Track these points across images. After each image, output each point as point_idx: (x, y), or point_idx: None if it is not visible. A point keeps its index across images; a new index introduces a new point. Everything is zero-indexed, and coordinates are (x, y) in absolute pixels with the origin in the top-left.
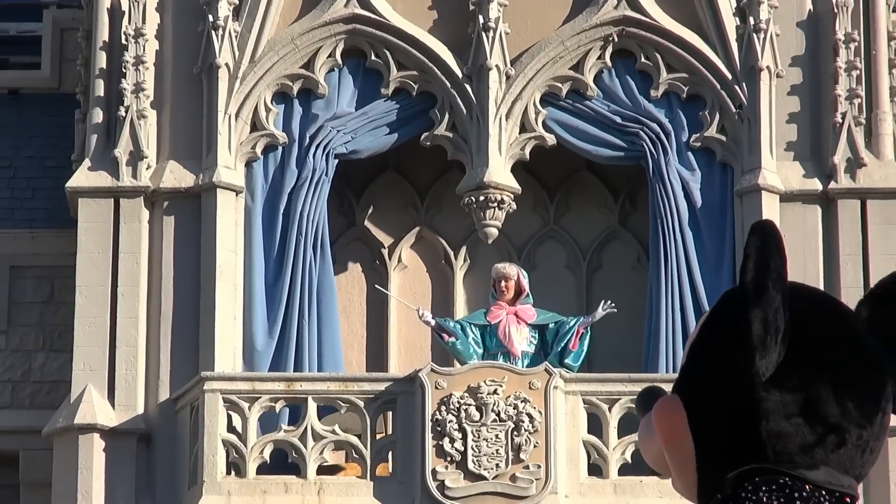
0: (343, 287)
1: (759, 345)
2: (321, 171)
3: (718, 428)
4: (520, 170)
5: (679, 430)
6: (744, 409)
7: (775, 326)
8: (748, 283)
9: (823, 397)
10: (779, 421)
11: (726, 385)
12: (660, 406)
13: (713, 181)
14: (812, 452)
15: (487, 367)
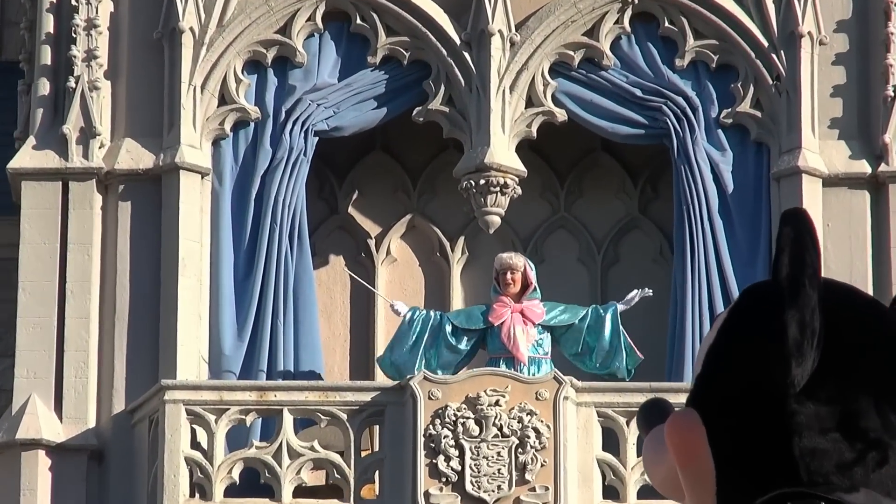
0: (324, 283)
1: (795, 351)
2: (299, 150)
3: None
4: (526, 150)
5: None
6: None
7: (812, 329)
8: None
9: (863, 409)
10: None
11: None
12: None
13: (746, 163)
14: (851, 472)
15: (488, 375)
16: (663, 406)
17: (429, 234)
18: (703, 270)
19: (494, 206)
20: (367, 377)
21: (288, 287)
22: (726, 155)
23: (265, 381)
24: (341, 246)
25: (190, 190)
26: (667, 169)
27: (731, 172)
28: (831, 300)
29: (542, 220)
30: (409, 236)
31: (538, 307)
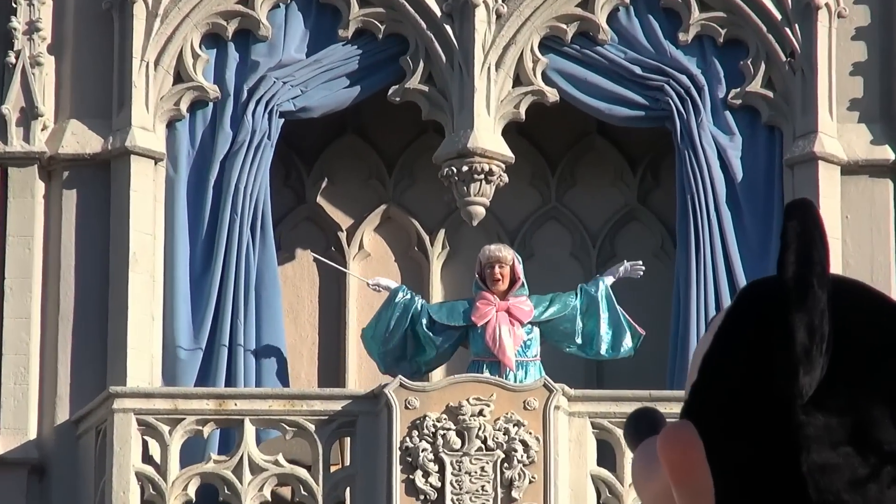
0: (289, 280)
1: (803, 357)
2: (262, 133)
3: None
4: (513, 133)
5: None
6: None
7: (821, 333)
8: (789, 279)
9: (877, 419)
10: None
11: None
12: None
13: (757, 148)
14: (864, 489)
15: (471, 382)
16: (653, 416)
17: (406, 227)
18: (709, 266)
19: (478, 195)
20: (337, 384)
21: (250, 284)
22: (735, 139)
23: (224, 388)
24: (309, 239)
25: (142, 177)
26: (669, 155)
27: (741, 159)
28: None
29: (531, 211)
30: (383, 229)
31: (526, 305)
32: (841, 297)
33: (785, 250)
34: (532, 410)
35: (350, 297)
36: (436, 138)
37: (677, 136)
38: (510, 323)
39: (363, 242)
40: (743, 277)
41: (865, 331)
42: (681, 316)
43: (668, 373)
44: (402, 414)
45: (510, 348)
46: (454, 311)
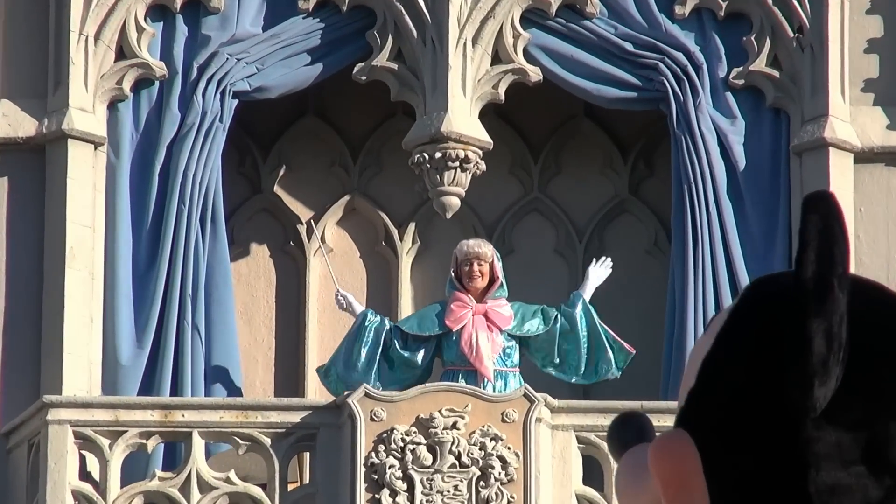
0: (243, 278)
1: (819, 368)
2: (214, 115)
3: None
4: (492, 116)
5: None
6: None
7: (839, 341)
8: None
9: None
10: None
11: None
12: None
13: (761, 133)
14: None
15: (444, 392)
16: (640, 422)
17: (372, 219)
18: (707, 264)
19: (453, 184)
20: (295, 393)
21: (199, 282)
22: (737, 123)
23: (171, 398)
24: (265, 232)
25: (80, 163)
26: (664, 140)
27: (743, 145)
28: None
29: (510, 203)
30: (347, 221)
31: (505, 309)
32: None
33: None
34: (511, 423)
35: (310, 298)
36: (406, 121)
37: (673, 119)
38: (488, 328)
39: (325, 236)
40: (745, 275)
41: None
42: (676, 318)
43: (662, 382)
44: (367, 426)
45: (488, 356)
46: (425, 319)
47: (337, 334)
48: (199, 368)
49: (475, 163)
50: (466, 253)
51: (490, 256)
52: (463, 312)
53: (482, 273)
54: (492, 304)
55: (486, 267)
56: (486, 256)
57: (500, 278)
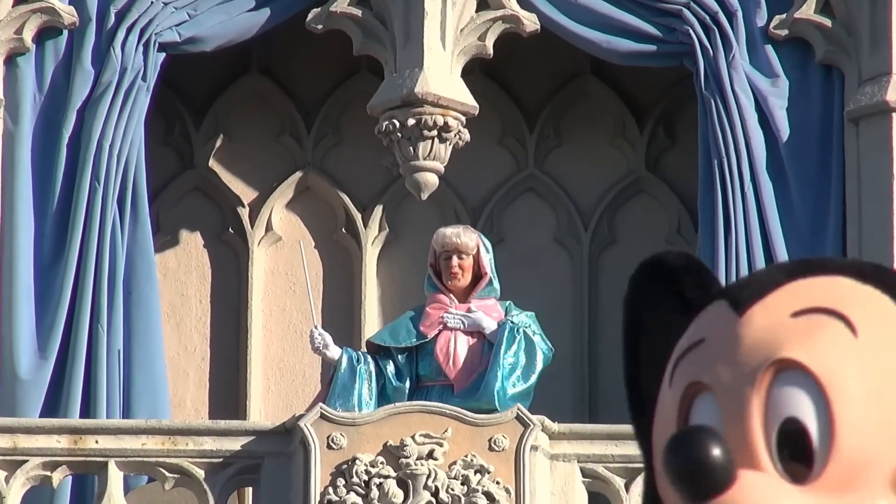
0: (171, 272)
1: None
2: (136, 72)
3: None
4: (478, 74)
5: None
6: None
7: None
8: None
9: None
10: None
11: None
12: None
13: (809, 95)
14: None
15: (417, 413)
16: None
17: (330, 201)
18: (742, 257)
19: (429, 158)
20: (234, 414)
21: (116, 278)
22: (779, 84)
23: (82, 420)
24: (198, 217)
25: None
26: (688, 104)
27: (787, 110)
28: None
29: (501, 181)
30: (299, 203)
31: (495, 311)
32: None
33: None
34: (500, 451)
35: (253, 297)
36: (371, 81)
37: (700, 78)
38: (470, 334)
39: (272, 221)
40: None
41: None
42: None
43: None
44: (323, 456)
45: (465, 364)
46: (399, 328)
47: (287, 342)
48: (115, 384)
49: (457, 132)
50: (444, 243)
51: (474, 248)
52: (441, 315)
53: (463, 268)
54: (478, 304)
55: (469, 261)
56: (469, 248)
57: (490, 273)
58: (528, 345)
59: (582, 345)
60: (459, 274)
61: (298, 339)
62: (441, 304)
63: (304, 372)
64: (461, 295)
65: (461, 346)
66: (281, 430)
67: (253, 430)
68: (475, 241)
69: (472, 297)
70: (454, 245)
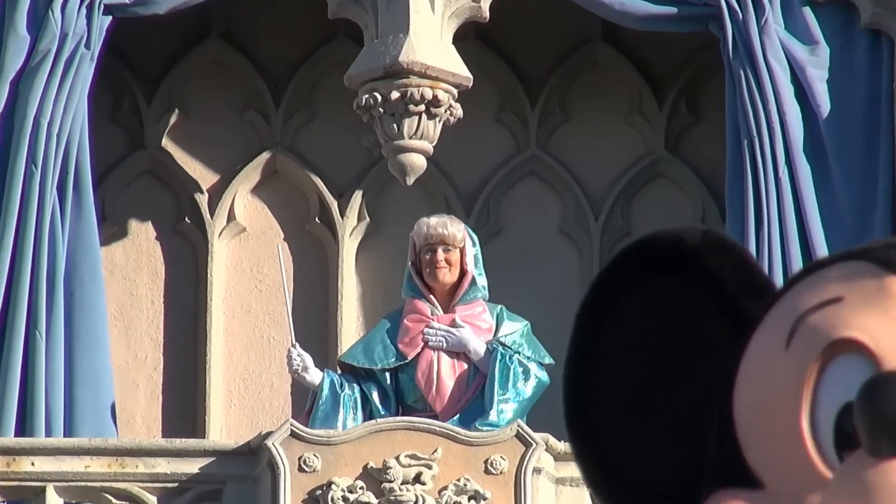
0: (119, 268)
1: None
2: (79, 38)
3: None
4: (473, 41)
5: None
6: None
7: None
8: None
9: None
10: None
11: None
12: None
13: (854, 66)
14: None
15: (402, 431)
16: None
17: (302, 186)
18: (776, 249)
19: (416, 136)
20: (192, 432)
21: (56, 275)
22: (818, 52)
23: (16, 439)
24: (150, 205)
25: None
26: (715, 75)
27: (827, 82)
28: None
29: (498, 163)
30: (267, 189)
31: (483, 320)
32: None
33: None
34: (498, 475)
35: (213, 297)
36: (349, 48)
37: (728, 46)
38: (457, 355)
39: (234, 209)
40: None
41: None
42: None
43: None
44: (294, 479)
45: (451, 394)
46: (373, 345)
47: (252, 349)
48: (56, 398)
49: (448, 106)
50: (427, 235)
51: (461, 240)
52: (422, 329)
53: (450, 262)
54: (463, 313)
55: (456, 254)
56: (456, 239)
57: (471, 271)
58: (524, 373)
59: None
60: (446, 269)
61: (265, 346)
62: (421, 314)
63: (272, 383)
64: (445, 299)
65: (445, 369)
66: (245, 451)
67: (213, 450)
68: (462, 232)
69: (455, 302)
70: (439, 236)
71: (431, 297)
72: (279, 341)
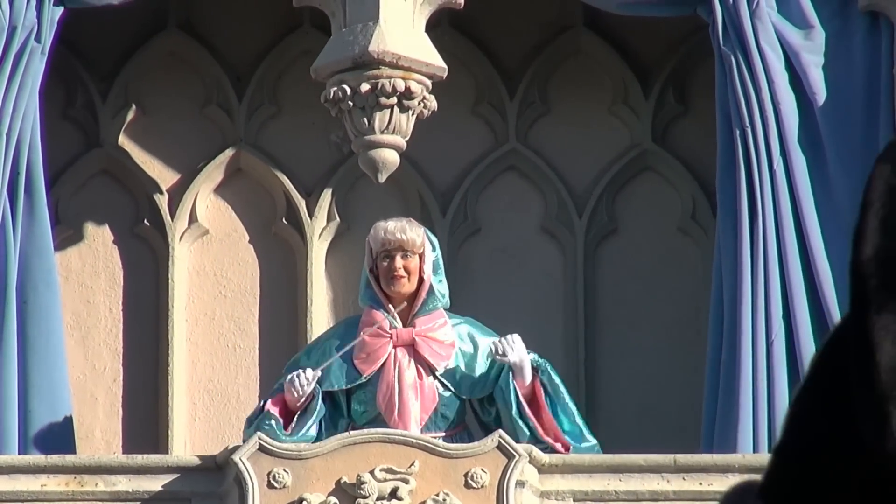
0: (75, 274)
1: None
2: (28, 32)
3: None
4: (447, 28)
5: None
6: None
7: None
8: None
9: None
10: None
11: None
12: None
13: (852, 51)
14: None
15: (378, 443)
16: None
17: (267, 184)
18: (771, 247)
19: (388, 131)
20: (154, 447)
21: (8, 282)
22: (814, 36)
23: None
24: (107, 206)
25: None
26: (704, 62)
27: (823, 68)
28: None
29: (476, 158)
30: (230, 188)
31: (444, 331)
32: None
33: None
34: (479, 489)
35: (175, 303)
36: (316, 37)
37: (718, 30)
38: (417, 371)
39: (196, 211)
40: (826, 264)
41: None
42: (724, 329)
43: (705, 426)
44: (263, 496)
45: (414, 416)
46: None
47: (217, 358)
48: (9, 412)
49: (421, 98)
50: (384, 240)
51: (420, 245)
52: (380, 346)
53: (409, 270)
54: (423, 326)
55: (415, 261)
56: (415, 245)
57: (429, 279)
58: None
59: (577, 357)
60: (404, 279)
61: (231, 355)
62: (379, 330)
63: (239, 394)
64: (404, 307)
65: (408, 391)
66: (211, 466)
67: (177, 465)
68: (421, 237)
69: (415, 314)
70: (397, 241)
71: (390, 306)
72: (245, 350)
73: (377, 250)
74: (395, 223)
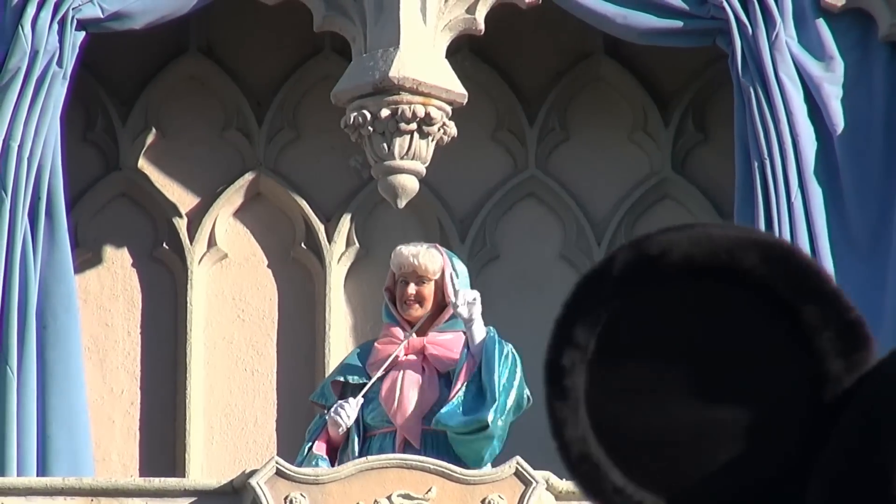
0: (93, 297)
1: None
2: (50, 55)
3: None
4: (467, 55)
5: None
6: None
7: None
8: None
9: None
10: None
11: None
12: None
13: (872, 82)
14: None
15: (395, 468)
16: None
17: (287, 209)
18: None
19: (408, 157)
20: (172, 471)
21: (28, 305)
22: (833, 67)
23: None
24: (126, 230)
25: None
26: (723, 91)
27: (842, 100)
28: None
29: (495, 185)
30: (249, 212)
31: (453, 350)
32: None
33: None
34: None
35: (194, 327)
36: (336, 63)
37: (737, 61)
38: (422, 369)
39: (216, 234)
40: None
41: None
42: None
43: None
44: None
45: (413, 408)
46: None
47: (234, 382)
48: (28, 435)
49: (441, 125)
50: (400, 264)
51: (436, 272)
52: (390, 349)
53: (422, 297)
54: (435, 339)
55: (430, 287)
56: (429, 272)
57: (454, 298)
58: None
59: None
60: (416, 305)
61: (248, 378)
62: (393, 337)
63: (256, 418)
64: (419, 329)
65: (409, 386)
66: (228, 490)
67: (193, 489)
68: (439, 263)
69: (432, 328)
70: (411, 267)
71: (407, 324)
72: (263, 374)
73: (396, 274)
74: (411, 248)
